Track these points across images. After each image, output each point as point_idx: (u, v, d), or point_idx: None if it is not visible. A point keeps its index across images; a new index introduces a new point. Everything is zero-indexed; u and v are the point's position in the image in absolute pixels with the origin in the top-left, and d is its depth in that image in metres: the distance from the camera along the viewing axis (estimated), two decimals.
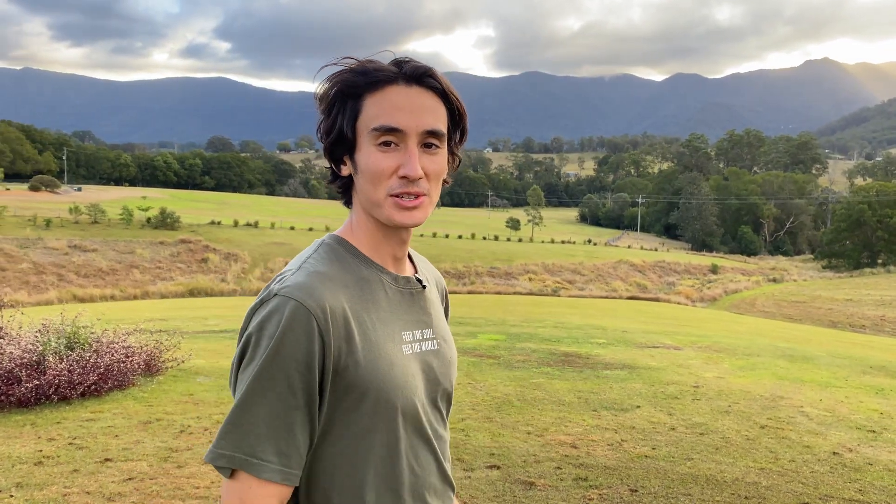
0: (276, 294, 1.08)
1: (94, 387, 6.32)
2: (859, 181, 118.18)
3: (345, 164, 1.18)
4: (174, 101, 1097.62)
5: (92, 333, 7.02)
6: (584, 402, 7.06)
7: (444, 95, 1.15)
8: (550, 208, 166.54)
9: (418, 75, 1.12)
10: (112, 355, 6.64)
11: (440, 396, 1.23)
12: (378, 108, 1.10)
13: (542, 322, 16.28)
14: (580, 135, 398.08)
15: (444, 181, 1.20)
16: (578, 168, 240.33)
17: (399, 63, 1.14)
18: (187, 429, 5.51)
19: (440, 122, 1.14)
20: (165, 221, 55.66)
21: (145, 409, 6.14)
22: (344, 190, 1.23)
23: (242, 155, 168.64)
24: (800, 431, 6.09)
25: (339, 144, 1.15)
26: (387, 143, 1.10)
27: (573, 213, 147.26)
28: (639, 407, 6.89)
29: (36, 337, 6.49)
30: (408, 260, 1.29)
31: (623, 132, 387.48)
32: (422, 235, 67.65)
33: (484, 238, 72.86)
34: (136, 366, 7.02)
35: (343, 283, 1.13)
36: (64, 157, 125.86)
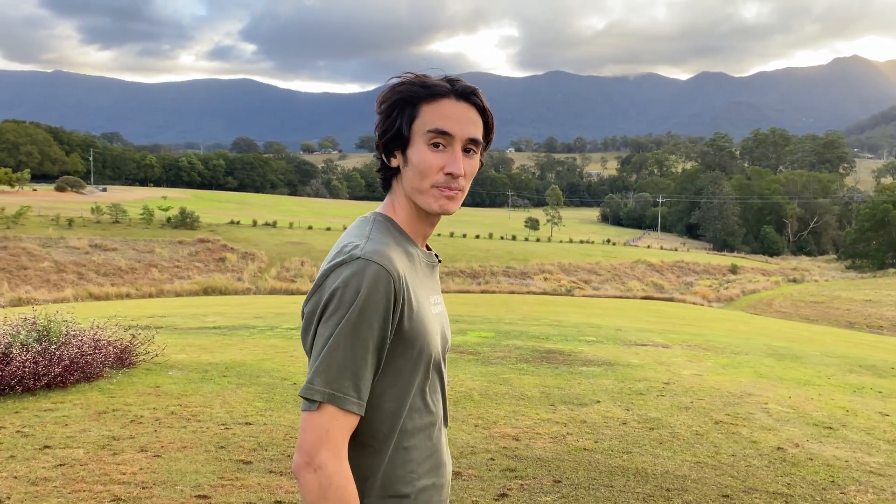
0: (358, 257, 1.29)
1: (59, 378, 6.47)
2: (887, 181, 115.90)
3: (395, 157, 1.42)
4: (200, 103, 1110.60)
5: (66, 327, 7.18)
6: (546, 396, 7.08)
7: (482, 111, 1.42)
8: (572, 208, 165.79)
9: (466, 93, 1.39)
10: (80, 348, 6.78)
11: (445, 348, 1.51)
12: (433, 115, 1.36)
13: (538, 320, 16.27)
14: (604, 134, 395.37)
15: None
16: (601, 168, 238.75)
17: (451, 81, 1.39)
18: (139, 419, 5.63)
19: (479, 133, 1.40)
20: (185, 221, 56.38)
21: (106, 399, 6.28)
22: (386, 177, 1.48)
23: (265, 156, 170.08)
24: (752, 427, 6.06)
25: (395, 141, 1.40)
26: (436, 144, 1.36)
27: (595, 213, 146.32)
28: (598, 402, 6.89)
29: (5, 330, 6.66)
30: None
31: (647, 132, 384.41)
32: (439, 235, 67.72)
33: (501, 238, 72.75)
34: (106, 358, 7.16)
35: (399, 253, 1.37)
36: (90, 159, 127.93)
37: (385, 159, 1.44)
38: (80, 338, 7.03)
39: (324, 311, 1.28)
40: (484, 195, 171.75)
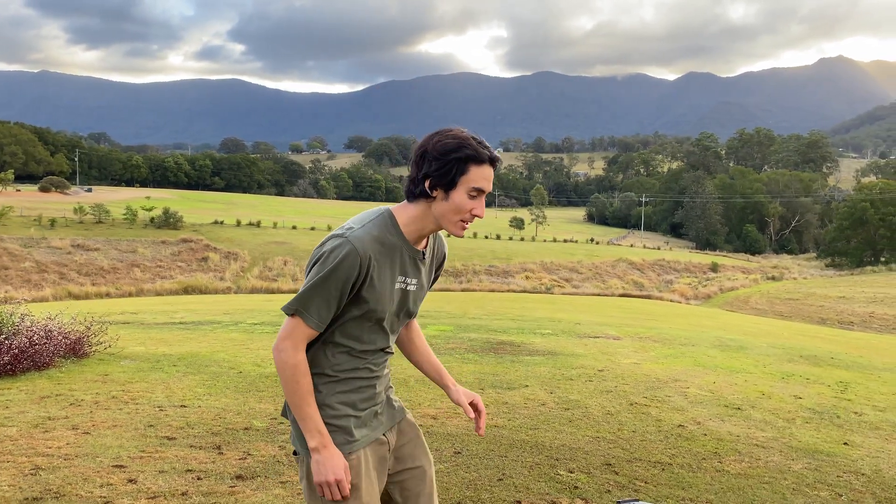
0: (345, 237, 1.84)
1: (8, 367, 6.76)
2: (868, 180, 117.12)
3: (437, 191, 1.89)
4: (189, 103, 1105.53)
5: (17, 319, 7.46)
6: (478, 382, 7.43)
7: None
8: (559, 208, 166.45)
9: (494, 161, 1.91)
10: (30, 338, 7.06)
11: (404, 312, 2.03)
12: (477, 175, 1.87)
13: (502, 315, 16.63)
14: (591, 134, 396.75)
15: None
16: (588, 168, 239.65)
17: (488, 149, 1.90)
18: (78, 402, 5.94)
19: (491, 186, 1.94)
20: (168, 221, 56.45)
21: (52, 385, 6.58)
22: (413, 193, 1.94)
23: (252, 156, 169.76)
24: (663, 408, 6.43)
25: (446, 183, 1.87)
26: (472, 196, 1.88)
27: (581, 212, 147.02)
28: (527, 387, 7.25)
29: None
30: (425, 240, 2.04)
31: (635, 132, 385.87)
32: None
33: (486, 237, 73.15)
34: (57, 348, 7.45)
35: (379, 241, 1.88)
36: (76, 159, 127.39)
37: (428, 189, 1.90)
38: (31, 328, 7.31)
39: (314, 263, 1.86)
40: None
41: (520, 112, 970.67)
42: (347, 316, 1.90)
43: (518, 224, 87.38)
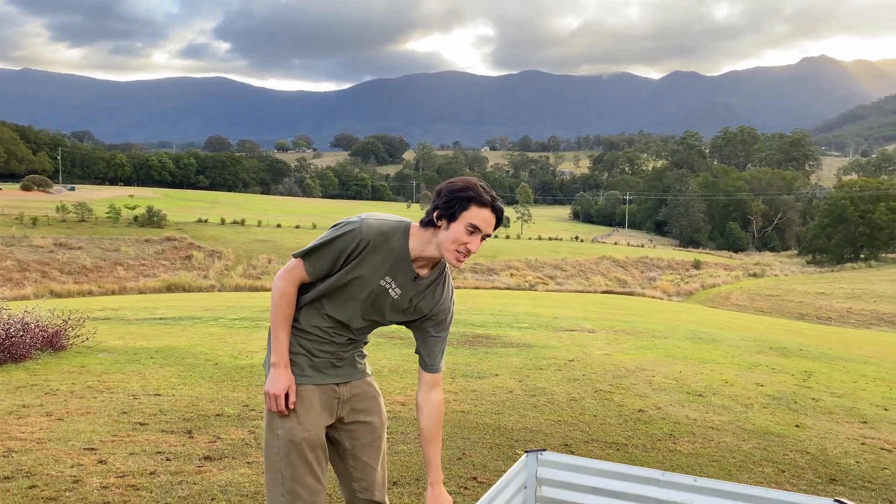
0: (360, 219, 2.15)
1: None
2: (850, 178, 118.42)
3: (442, 220, 2.14)
4: (174, 101, 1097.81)
5: None
6: (450, 372, 7.59)
7: (499, 220, 2.16)
8: (545, 206, 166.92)
9: (496, 208, 2.14)
10: (6, 331, 7.16)
11: (377, 310, 2.26)
12: (476, 214, 2.10)
13: (481, 311, 16.81)
14: (577, 133, 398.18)
15: None
16: (574, 166, 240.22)
17: (492, 198, 2.13)
18: (54, 391, 6.05)
19: (492, 231, 2.16)
20: (152, 220, 56.18)
21: (28, 376, 6.68)
22: (425, 222, 2.20)
23: (237, 154, 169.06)
24: (626, 395, 6.63)
25: (448, 216, 2.12)
26: (470, 232, 2.10)
27: (567, 210, 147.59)
28: (497, 375, 7.43)
29: None
30: (427, 269, 2.27)
31: (620, 130, 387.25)
32: None
33: None
34: (34, 341, 7.54)
35: (385, 236, 2.16)
36: (59, 157, 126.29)
37: (435, 219, 2.17)
38: (8, 322, 7.40)
39: (332, 228, 2.17)
40: None
41: (506, 111, 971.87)
42: (332, 283, 2.19)
43: (504, 222, 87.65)
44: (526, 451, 2.23)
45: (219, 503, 3.52)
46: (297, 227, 63.26)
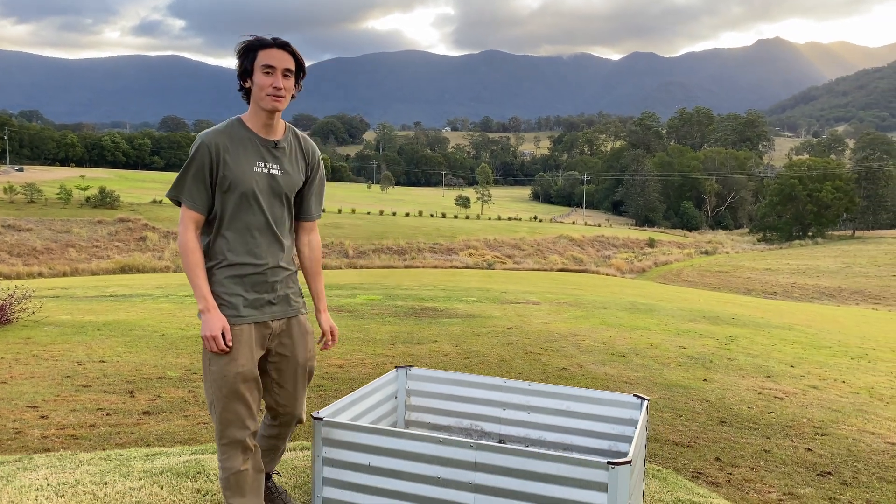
0: (198, 136, 2.35)
1: None
2: (799, 158, 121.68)
3: (247, 82, 2.37)
4: (127, 80, 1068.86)
5: None
6: (392, 339, 7.93)
7: (293, 54, 2.38)
8: (506, 187, 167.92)
9: (280, 44, 2.35)
10: None
11: (278, 194, 2.46)
12: (264, 56, 2.33)
13: (433, 286, 17.17)
14: (538, 114, 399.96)
15: (293, 96, 2.46)
16: (534, 147, 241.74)
17: (274, 38, 2.37)
18: None
19: (290, 65, 2.37)
20: (105, 200, 55.13)
21: None
22: (246, 94, 2.42)
23: (193, 135, 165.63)
24: (554, 356, 7.05)
25: (247, 74, 2.36)
26: (266, 73, 2.33)
27: (527, 191, 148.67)
28: (436, 342, 7.78)
29: None
30: (281, 131, 2.49)
31: (580, 111, 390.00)
32: (368, 213, 68.22)
33: (431, 216, 73.60)
34: None
35: (227, 135, 2.38)
36: (6, 137, 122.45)
37: (242, 83, 2.40)
38: None
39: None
40: (419, 174, 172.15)
41: (467, 91, 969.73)
42: (222, 198, 2.38)
43: (464, 203, 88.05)
44: (396, 367, 2.57)
45: (152, 448, 3.80)
46: None
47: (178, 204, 2.39)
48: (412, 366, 2.70)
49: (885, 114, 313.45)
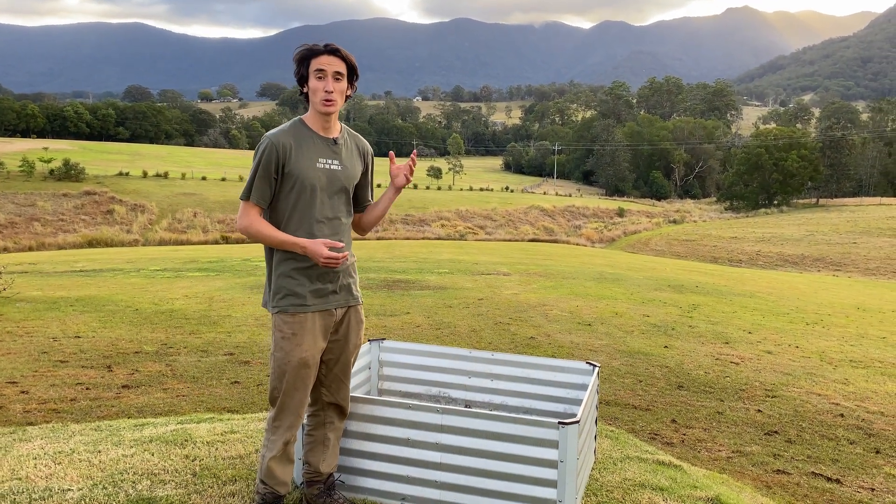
0: (266, 136, 2.49)
1: None
2: (766, 127, 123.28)
3: (305, 88, 2.52)
4: (89, 49, 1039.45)
5: None
6: (366, 311, 7.95)
7: (344, 58, 2.53)
8: (478, 157, 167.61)
9: (331, 50, 2.51)
10: None
11: (338, 188, 2.57)
12: (315, 63, 2.49)
13: (405, 258, 17.32)
14: (510, 83, 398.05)
15: (347, 95, 2.62)
16: (506, 117, 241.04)
17: (326, 45, 2.53)
18: None
19: (341, 69, 2.51)
20: (69, 173, 54.05)
21: None
22: (306, 97, 2.55)
23: (159, 104, 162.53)
24: (523, 326, 7.27)
25: (303, 80, 2.52)
26: (319, 78, 2.48)
27: (499, 161, 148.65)
28: (408, 314, 7.96)
29: None
30: (338, 130, 2.61)
31: (551, 80, 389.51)
32: None
33: None
34: None
35: (292, 134, 2.52)
36: None
37: (302, 90, 2.56)
38: None
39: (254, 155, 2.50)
40: (391, 144, 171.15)
41: (438, 60, 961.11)
42: (287, 193, 2.48)
43: (435, 173, 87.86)
44: (369, 340, 2.74)
45: (134, 419, 3.94)
46: (224, 179, 62.14)
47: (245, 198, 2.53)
48: (384, 338, 2.88)
49: (851, 83, 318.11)
